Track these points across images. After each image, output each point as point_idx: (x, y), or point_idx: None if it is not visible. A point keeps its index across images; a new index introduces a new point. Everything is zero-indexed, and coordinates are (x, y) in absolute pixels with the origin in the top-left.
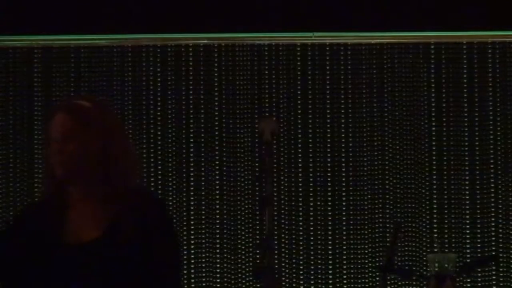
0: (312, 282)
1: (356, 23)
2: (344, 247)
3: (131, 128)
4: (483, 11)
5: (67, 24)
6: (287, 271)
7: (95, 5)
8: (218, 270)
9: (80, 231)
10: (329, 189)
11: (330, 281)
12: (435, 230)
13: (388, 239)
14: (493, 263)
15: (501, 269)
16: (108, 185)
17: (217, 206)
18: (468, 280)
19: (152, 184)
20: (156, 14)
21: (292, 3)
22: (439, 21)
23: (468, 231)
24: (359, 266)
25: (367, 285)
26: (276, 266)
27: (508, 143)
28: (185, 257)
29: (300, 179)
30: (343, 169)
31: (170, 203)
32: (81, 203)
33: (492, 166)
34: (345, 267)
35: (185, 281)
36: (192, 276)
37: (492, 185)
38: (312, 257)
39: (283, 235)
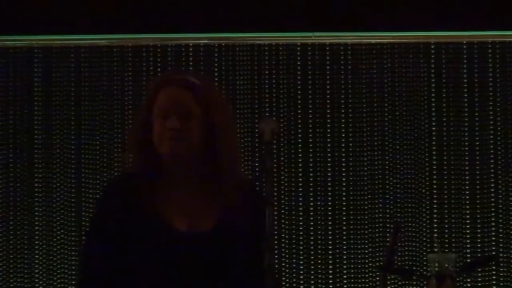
0: (312, 282)
1: (356, 23)
2: (344, 247)
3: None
4: (483, 11)
5: (67, 24)
6: (287, 271)
7: (95, 5)
8: None
9: (192, 218)
10: (329, 189)
11: (330, 281)
12: (435, 230)
13: (388, 239)
14: (493, 263)
15: (501, 269)
16: (220, 172)
17: None
18: (468, 280)
19: None
20: (156, 14)
21: (292, 3)
22: (439, 21)
23: (468, 231)
24: (359, 266)
25: (367, 285)
26: (276, 266)
27: (508, 142)
28: None
29: (300, 179)
30: (343, 169)
31: None
32: (183, 187)
33: (492, 165)
34: (345, 267)
35: None
36: None
37: (492, 185)
38: (312, 257)
39: (283, 235)
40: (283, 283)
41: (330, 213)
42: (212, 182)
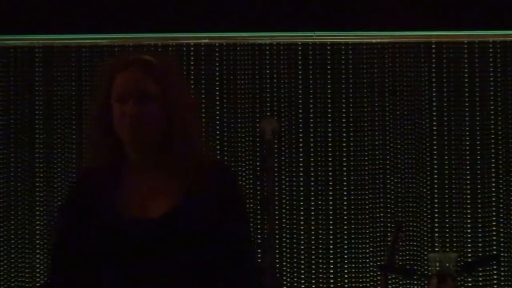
0: (313, 281)
1: (357, 23)
2: (345, 247)
3: None
4: (484, 10)
5: (68, 23)
6: (288, 270)
7: (96, 5)
8: None
9: (147, 204)
10: (330, 188)
11: (331, 281)
12: (436, 230)
13: (389, 239)
14: (494, 262)
15: (502, 269)
16: (179, 154)
17: None
18: (469, 279)
19: None
20: (157, 13)
21: (293, 2)
22: (440, 20)
23: (469, 231)
24: (360, 266)
25: (368, 285)
26: (277, 266)
27: (509, 142)
28: None
29: (301, 179)
30: (344, 169)
31: None
32: (144, 173)
33: (493, 165)
34: (346, 266)
35: None
36: None
37: (493, 185)
38: (313, 257)
39: (284, 235)
40: (284, 282)
41: (331, 212)
42: (170, 165)
